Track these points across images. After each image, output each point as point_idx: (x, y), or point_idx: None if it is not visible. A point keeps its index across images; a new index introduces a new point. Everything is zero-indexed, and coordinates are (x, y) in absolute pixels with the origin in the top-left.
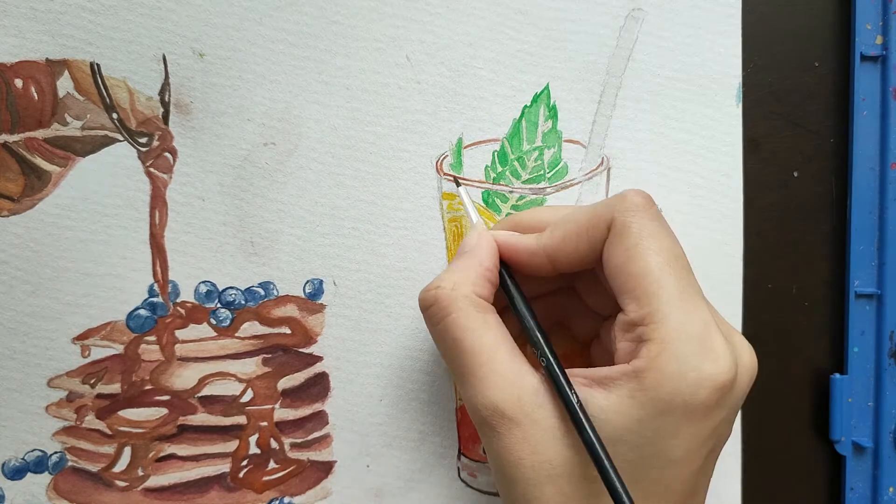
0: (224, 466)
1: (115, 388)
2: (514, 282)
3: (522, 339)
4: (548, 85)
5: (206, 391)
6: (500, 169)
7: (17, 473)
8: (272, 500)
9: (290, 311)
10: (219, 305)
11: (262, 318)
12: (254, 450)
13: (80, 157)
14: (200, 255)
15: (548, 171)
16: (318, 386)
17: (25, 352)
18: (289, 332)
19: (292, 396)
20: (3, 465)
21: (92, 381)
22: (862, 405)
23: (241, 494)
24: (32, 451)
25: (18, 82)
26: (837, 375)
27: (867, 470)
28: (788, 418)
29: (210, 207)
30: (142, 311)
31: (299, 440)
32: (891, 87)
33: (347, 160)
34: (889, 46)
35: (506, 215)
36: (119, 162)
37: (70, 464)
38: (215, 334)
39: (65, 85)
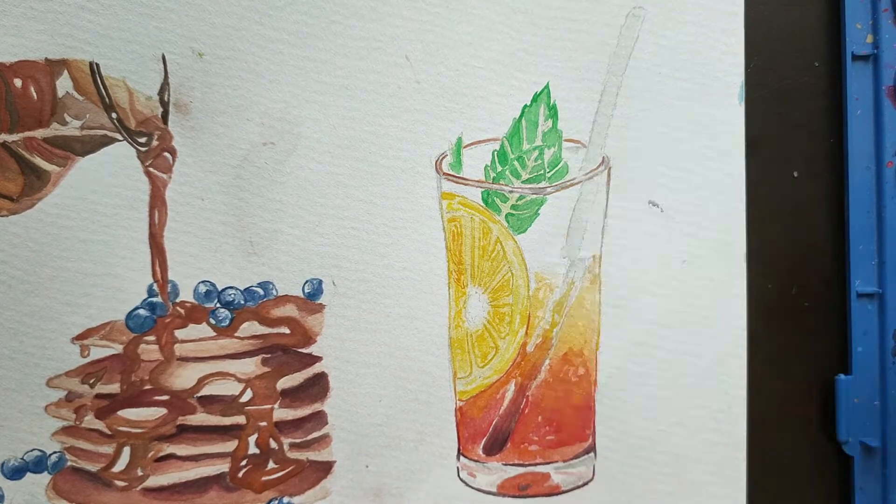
0: (223, 466)
1: (114, 387)
2: None
3: None
4: (548, 84)
5: (205, 391)
6: (499, 168)
7: (16, 473)
8: (271, 500)
9: (290, 311)
10: (218, 305)
11: (262, 318)
12: (253, 450)
13: (79, 156)
14: (200, 254)
15: (548, 170)
16: (318, 386)
17: (24, 352)
18: (288, 332)
19: (291, 396)
20: (3, 464)
21: (91, 381)
22: (868, 405)
23: (240, 494)
24: (32, 450)
25: (18, 82)
26: (842, 376)
27: (876, 469)
28: (794, 420)
29: (209, 207)
30: (141, 311)
31: (298, 440)
32: (883, 86)
33: (347, 160)
34: (880, 45)
35: (506, 215)
36: (118, 162)
37: (69, 464)
38: (214, 334)
39: (64, 84)
